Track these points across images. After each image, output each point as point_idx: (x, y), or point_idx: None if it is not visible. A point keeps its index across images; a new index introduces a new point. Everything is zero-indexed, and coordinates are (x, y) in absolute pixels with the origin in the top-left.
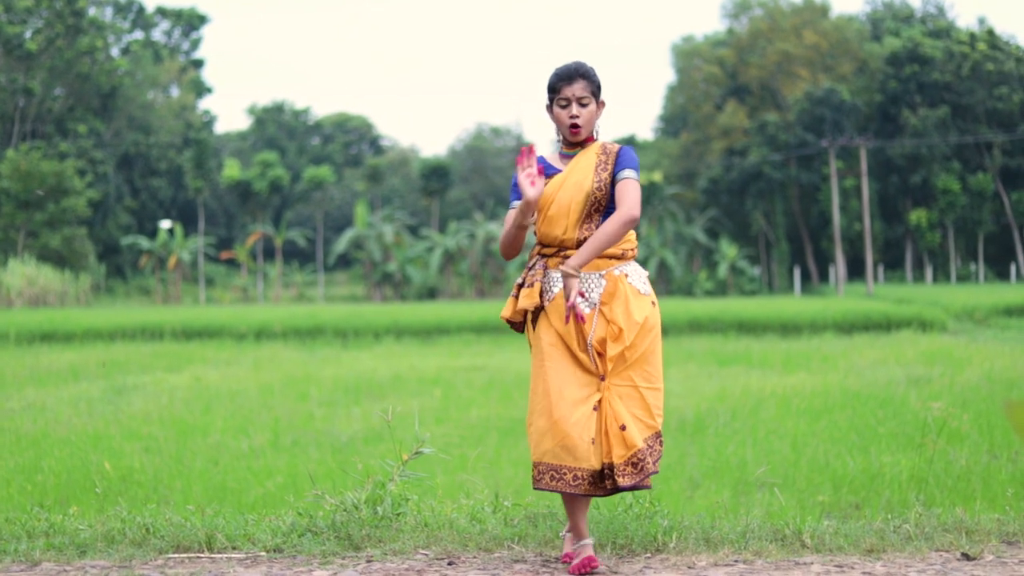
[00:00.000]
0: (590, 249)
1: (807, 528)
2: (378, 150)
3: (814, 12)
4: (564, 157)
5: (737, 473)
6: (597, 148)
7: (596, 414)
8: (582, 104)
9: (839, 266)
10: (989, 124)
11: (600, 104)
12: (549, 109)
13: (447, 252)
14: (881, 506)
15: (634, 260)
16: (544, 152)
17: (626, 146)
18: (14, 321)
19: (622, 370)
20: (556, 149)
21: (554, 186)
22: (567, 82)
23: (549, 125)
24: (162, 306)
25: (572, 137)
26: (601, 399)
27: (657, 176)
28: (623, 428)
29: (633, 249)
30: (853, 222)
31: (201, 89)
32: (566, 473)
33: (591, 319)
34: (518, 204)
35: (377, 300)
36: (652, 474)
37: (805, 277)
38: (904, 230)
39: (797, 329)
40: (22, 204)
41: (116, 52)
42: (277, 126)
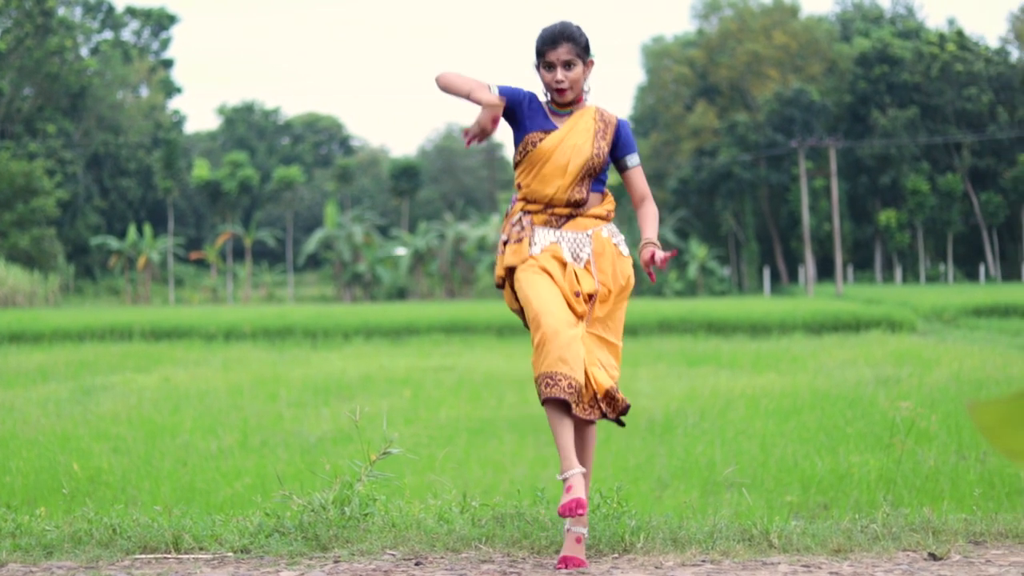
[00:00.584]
0: (655, 228)
1: (774, 528)
2: (348, 150)
3: (784, 13)
4: (555, 115)
5: (706, 473)
6: (594, 114)
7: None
8: (568, 67)
9: (808, 266)
10: (958, 125)
11: (588, 63)
12: (537, 68)
13: (417, 252)
14: (849, 506)
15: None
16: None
17: (623, 120)
18: None
19: (594, 322)
20: (546, 102)
21: (550, 144)
22: (551, 46)
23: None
24: (131, 306)
25: (559, 98)
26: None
27: None
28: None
29: (613, 211)
30: (823, 222)
31: (171, 89)
32: (561, 380)
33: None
34: (495, 93)
35: (347, 300)
36: (623, 413)
37: (775, 277)
38: (873, 230)
39: (766, 329)
40: None
41: (85, 52)
42: (247, 126)
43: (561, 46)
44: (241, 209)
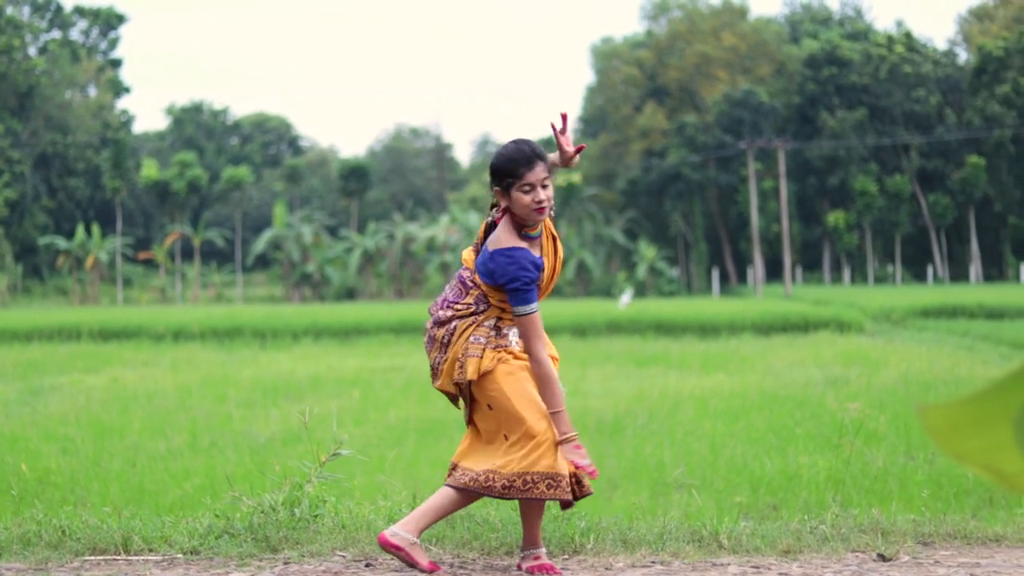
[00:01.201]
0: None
1: (724, 529)
2: (297, 150)
3: (732, 14)
4: (529, 240)
5: (655, 474)
6: (546, 229)
7: None
8: (544, 186)
9: (757, 267)
10: (906, 126)
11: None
12: (502, 193)
13: (366, 253)
14: (798, 507)
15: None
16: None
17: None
18: None
19: None
20: (516, 230)
21: (546, 276)
22: (527, 167)
23: (468, 126)
24: (79, 307)
25: (538, 218)
26: None
27: (576, 177)
28: None
29: None
30: (771, 223)
31: (119, 89)
32: (562, 480)
33: None
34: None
35: (296, 301)
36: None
37: (723, 278)
38: (822, 231)
39: (715, 330)
40: None
41: (33, 51)
42: (195, 126)
43: (537, 165)
44: (190, 209)
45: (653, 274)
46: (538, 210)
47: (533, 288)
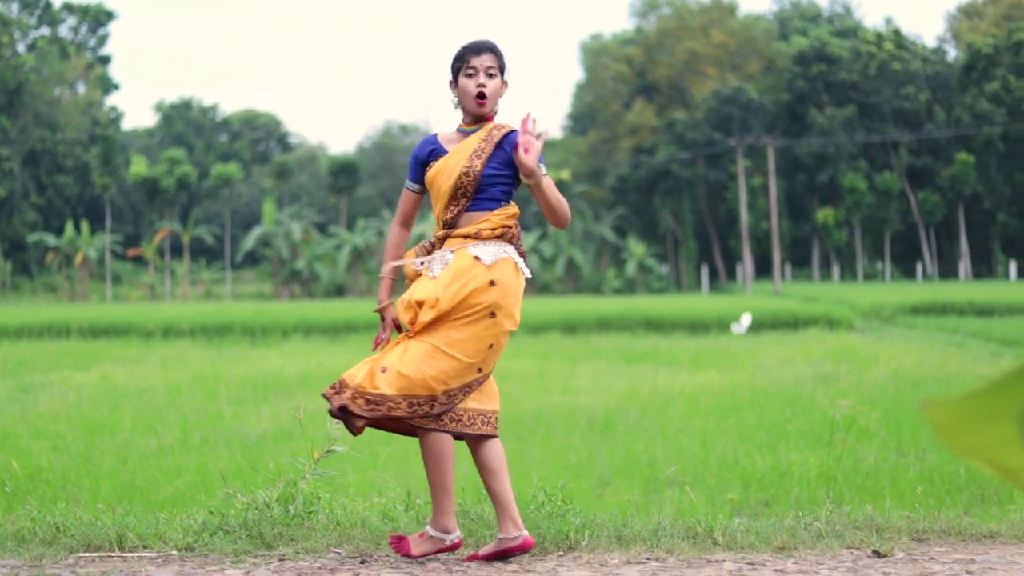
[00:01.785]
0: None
1: (719, 526)
2: (286, 147)
3: (722, 11)
4: (463, 135)
5: (647, 471)
6: (484, 132)
7: None
8: (489, 75)
9: (747, 264)
10: (895, 123)
11: (504, 83)
12: (453, 84)
13: (355, 250)
14: (790, 504)
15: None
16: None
17: (512, 131)
18: None
19: (424, 330)
20: (456, 127)
21: (435, 169)
22: (475, 53)
23: (457, 123)
24: (69, 304)
25: (478, 108)
26: None
27: (565, 174)
28: None
29: (492, 229)
30: (760, 220)
31: (108, 86)
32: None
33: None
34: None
35: (285, 298)
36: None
37: (713, 275)
38: (811, 228)
39: (705, 327)
40: None
41: (22, 48)
42: (184, 123)
43: (485, 54)
44: (179, 206)
45: (642, 271)
46: (478, 97)
47: (412, 168)
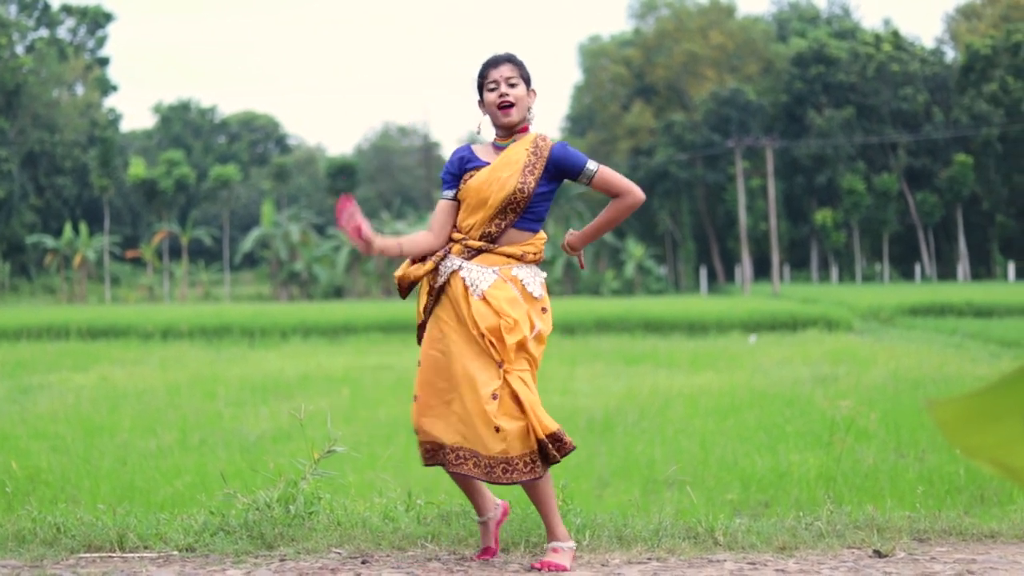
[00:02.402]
0: (597, 222)
1: (720, 526)
2: (284, 149)
3: (720, 12)
4: (497, 149)
5: (646, 472)
6: (529, 143)
7: None
8: (511, 85)
9: (745, 266)
10: (894, 125)
11: (531, 92)
12: (480, 104)
13: (354, 251)
14: (790, 504)
15: (536, 265)
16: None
17: (560, 144)
18: None
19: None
20: (490, 140)
21: (479, 178)
22: (493, 66)
23: (456, 125)
24: (67, 305)
25: (504, 118)
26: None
27: None
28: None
29: (538, 253)
30: (759, 222)
31: (106, 87)
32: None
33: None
34: (448, 196)
35: (284, 299)
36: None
37: (711, 277)
38: (809, 230)
39: (704, 328)
40: None
41: (21, 50)
42: (183, 124)
43: (503, 65)
44: (177, 208)
45: (641, 272)
46: (501, 107)
47: (446, 180)
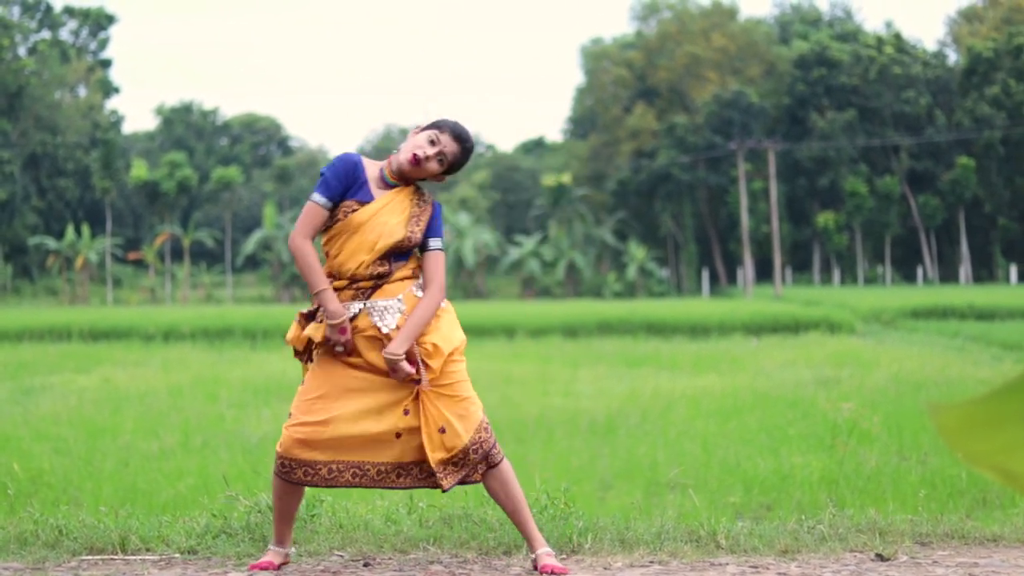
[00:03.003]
0: (411, 332)
1: (722, 529)
2: (286, 151)
3: (722, 15)
4: (385, 185)
5: (648, 474)
6: (412, 194)
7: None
8: (439, 161)
9: (747, 268)
10: (896, 127)
11: (441, 177)
12: (415, 131)
13: None
14: (792, 507)
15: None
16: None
17: (438, 204)
18: None
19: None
20: (380, 168)
21: (362, 216)
22: (453, 140)
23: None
24: (69, 307)
25: (407, 167)
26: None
27: (566, 178)
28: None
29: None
30: (761, 224)
31: (109, 89)
32: (370, 468)
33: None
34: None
35: (285, 301)
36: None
37: (713, 279)
38: (812, 232)
39: (706, 331)
40: None
41: (23, 51)
42: (185, 126)
43: (458, 148)
44: (179, 209)
45: (643, 275)
46: (414, 160)
47: (329, 184)
